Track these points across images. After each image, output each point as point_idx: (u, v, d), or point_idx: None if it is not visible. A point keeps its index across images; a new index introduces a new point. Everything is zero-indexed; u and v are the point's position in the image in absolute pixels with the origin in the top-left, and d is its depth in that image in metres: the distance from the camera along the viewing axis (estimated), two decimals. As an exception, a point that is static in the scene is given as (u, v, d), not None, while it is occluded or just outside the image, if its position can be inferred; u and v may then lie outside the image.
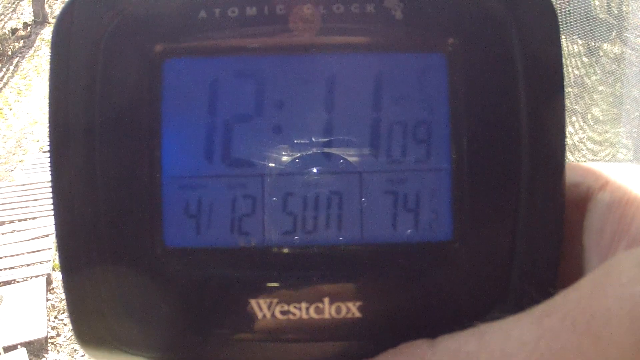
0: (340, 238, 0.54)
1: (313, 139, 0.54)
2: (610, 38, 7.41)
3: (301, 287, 0.52)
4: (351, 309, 0.51)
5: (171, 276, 0.53)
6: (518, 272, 0.52)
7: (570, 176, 0.52)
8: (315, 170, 0.54)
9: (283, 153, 0.54)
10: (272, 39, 0.54)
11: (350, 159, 0.54)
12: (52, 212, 0.52)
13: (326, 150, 0.54)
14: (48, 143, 0.52)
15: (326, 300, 0.51)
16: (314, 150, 0.54)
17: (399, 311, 0.52)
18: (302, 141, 0.54)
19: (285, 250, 0.54)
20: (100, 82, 0.52)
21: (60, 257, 0.52)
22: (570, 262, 0.52)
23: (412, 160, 0.54)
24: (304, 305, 0.51)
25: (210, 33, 0.53)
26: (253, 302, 0.52)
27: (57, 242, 0.52)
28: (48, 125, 0.52)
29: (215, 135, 0.54)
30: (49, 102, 0.52)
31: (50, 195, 0.52)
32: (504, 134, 0.52)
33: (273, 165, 0.54)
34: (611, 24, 7.61)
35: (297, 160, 0.54)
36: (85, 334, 0.53)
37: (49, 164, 0.52)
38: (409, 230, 0.54)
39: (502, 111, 0.52)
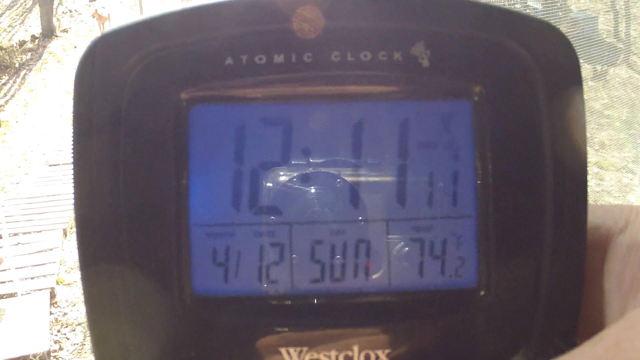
0: (368, 286, 0.54)
1: (340, 187, 0.54)
2: (617, 62, 7.43)
3: (330, 335, 0.52)
4: (380, 357, 0.52)
5: (200, 323, 0.53)
6: (541, 317, 0.52)
7: (589, 218, 0.52)
8: (342, 218, 0.54)
9: (310, 201, 0.55)
10: (300, 87, 0.54)
11: (377, 206, 0.55)
12: (56, 226, 0.51)
13: (353, 198, 0.54)
14: (72, 189, 0.52)
15: (355, 348, 0.52)
16: (341, 198, 0.55)
17: (426, 358, 0.53)
18: (329, 189, 0.55)
19: (314, 299, 0.54)
20: (124, 129, 0.52)
21: (86, 305, 0.52)
22: (590, 305, 0.52)
23: (438, 208, 0.54)
24: (333, 353, 0.52)
25: (237, 80, 0.53)
26: (283, 350, 0.52)
27: (84, 291, 0.52)
28: (72, 170, 0.52)
29: (242, 183, 0.54)
30: (73, 147, 0.52)
31: (56, 208, 0.51)
32: (529, 181, 0.53)
33: (300, 213, 0.54)
34: (618, 48, 7.63)
35: (324, 208, 0.54)
36: None
37: (74, 212, 0.52)
38: (435, 278, 0.54)
39: (527, 158, 0.53)
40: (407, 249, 0.54)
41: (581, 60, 0.54)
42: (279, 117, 0.54)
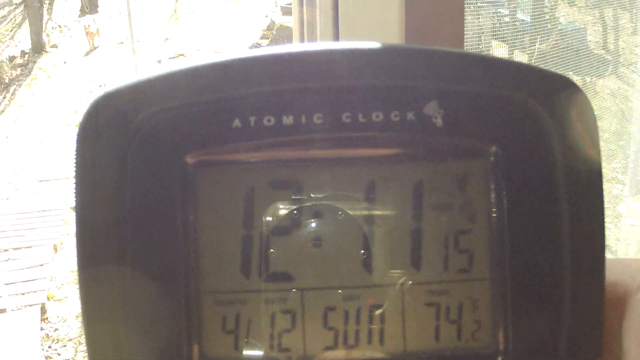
0: (383, 352, 0.53)
1: (353, 252, 0.53)
2: (606, 74, 7.47)
3: None
4: None
5: None
6: None
7: (607, 274, 0.51)
8: (355, 284, 0.53)
9: (322, 267, 0.53)
10: (310, 150, 0.52)
11: (391, 271, 0.53)
12: (47, 242, 0.49)
13: (366, 262, 0.53)
14: (76, 259, 0.49)
15: None
16: (354, 263, 0.53)
17: None
18: (341, 254, 0.53)
19: None
20: (129, 194, 0.49)
21: None
22: None
23: (453, 271, 0.53)
24: None
25: (246, 143, 0.50)
26: None
27: (89, 353, 0.50)
28: (75, 236, 0.49)
29: (251, 249, 0.52)
30: (76, 212, 0.49)
31: (46, 224, 0.49)
32: (546, 242, 0.51)
33: (312, 279, 0.53)
34: (607, 59, 7.68)
35: (336, 274, 0.53)
36: None
37: (78, 282, 0.50)
38: (451, 342, 0.53)
39: (544, 218, 0.51)
40: (422, 313, 0.53)
41: (570, 72, 0.52)
42: (289, 180, 0.53)
